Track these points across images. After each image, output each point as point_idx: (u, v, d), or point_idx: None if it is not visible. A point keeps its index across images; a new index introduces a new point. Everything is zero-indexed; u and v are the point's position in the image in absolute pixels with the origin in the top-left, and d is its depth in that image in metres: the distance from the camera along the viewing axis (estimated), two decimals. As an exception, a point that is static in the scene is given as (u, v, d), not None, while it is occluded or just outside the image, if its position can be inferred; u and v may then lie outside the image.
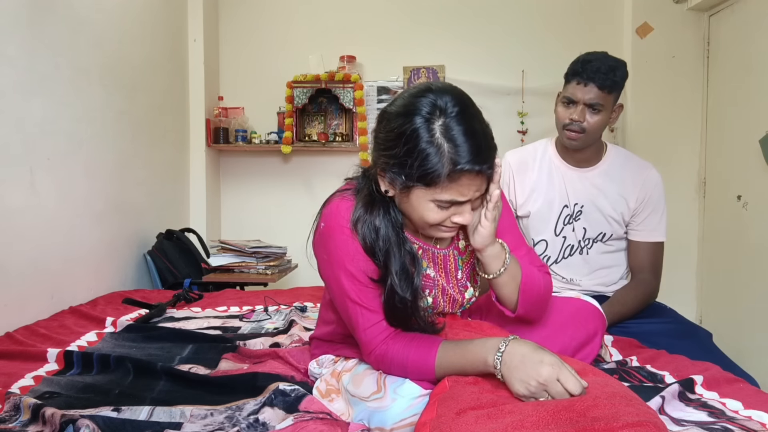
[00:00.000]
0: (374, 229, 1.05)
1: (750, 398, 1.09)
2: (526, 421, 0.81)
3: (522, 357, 0.92)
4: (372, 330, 1.06)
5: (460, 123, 0.96)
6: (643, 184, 1.70)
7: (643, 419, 0.78)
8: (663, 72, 3.17)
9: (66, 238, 2.05)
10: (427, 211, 1.01)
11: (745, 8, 2.84)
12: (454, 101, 0.98)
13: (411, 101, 1.00)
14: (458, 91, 1.02)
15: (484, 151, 0.97)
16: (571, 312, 1.30)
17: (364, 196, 1.08)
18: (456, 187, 0.98)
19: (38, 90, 1.91)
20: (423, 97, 0.99)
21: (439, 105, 0.97)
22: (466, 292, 1.19)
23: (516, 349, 0.94)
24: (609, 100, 1.62)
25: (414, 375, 1.04)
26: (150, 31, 2.78)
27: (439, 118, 0.97)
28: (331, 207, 1.10)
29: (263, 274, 2.68)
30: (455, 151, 0.95)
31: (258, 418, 1.04)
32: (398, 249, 1.06)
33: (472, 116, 0.99)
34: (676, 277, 3.03)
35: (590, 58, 1.60)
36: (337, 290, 1.09)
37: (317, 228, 1.13)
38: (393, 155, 1.00)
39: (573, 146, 1.68)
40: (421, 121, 0.97)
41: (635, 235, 1.73)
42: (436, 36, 3.39)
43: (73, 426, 0.98)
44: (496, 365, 0.94)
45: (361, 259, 1.06)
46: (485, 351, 0.97)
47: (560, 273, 1.77)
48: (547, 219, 1.75)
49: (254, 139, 3.30)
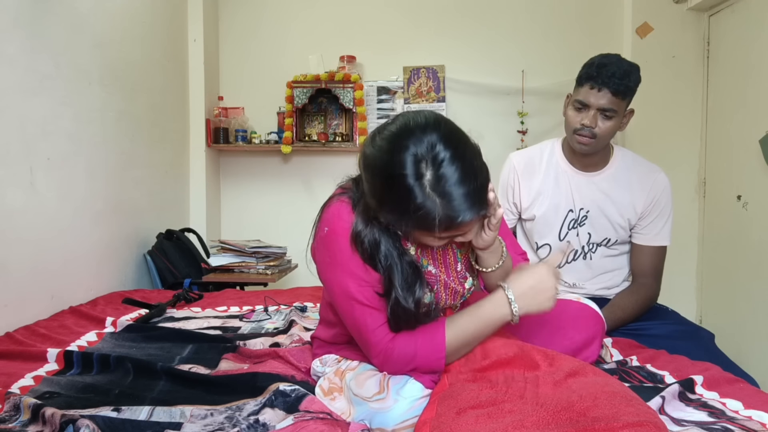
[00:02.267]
0: (375, 244, 1.05)
1: (750, 398, 1.09)
2: (527, 421, 0.81)
3: (530, 290, 1.06)
4: (381, 330, 1.06)
5: (450, 172, 0.91)
6: (652, 187, 1.68)
7: (644, 419, 0.78)
8: (663, 72, 3.17)
9: (66, 238, 2.05)
10: (428, 242, 1.04)
11: (745, 8, 2.84)
12: (441, 144, 0.92)
13: (394, 148, 0.93)
14: (442, 126, 0.95)
15: (477, 194, 0.95)
16: (571, 315, 1.30)
17: (361, 212, 1.05)
18: (455, 231, 0.99)
19: (38, 90, 1.91)
20: (406, 147, 0.92)
21: (423, 155, 0.91)
22: (466, 282, 1.21)
23: (520, 290, 1.06)
24: (622, 105, 1.58)
25: (423, 362, 1.05)
26: (150, 31, 2.78)
27: (427, 169, 0.91)
28: (332, 211, 1.09)
29: (263, 274, 2.68)
30: (450, 207, 0.92)
31: (258, 419, 1.04)
32: (400, 262, 1.05)
33: (461, 157, 0.93)
34: (676, 278, 3.03)
35: (605, 62, 1.55)
36: (341, 293, 1.08)
37: (318, 232, 1.11)
38: (384, 208, 0.98)
39: (583, 151, 1.64)
40: (411, 178, 0.91)
41: (639, 239, 1.72)
42: (436, 36, 3.39)
43: (73, 426, 0.98)
44: (514, 312, 1.05)
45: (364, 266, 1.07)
46: (496, 306, 1.06)
47: (563, 277, 1.76)
48: (552, 223, 1.73)
49: (254, 139, 3.30)
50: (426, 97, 3.36)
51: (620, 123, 1.62)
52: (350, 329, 1.12)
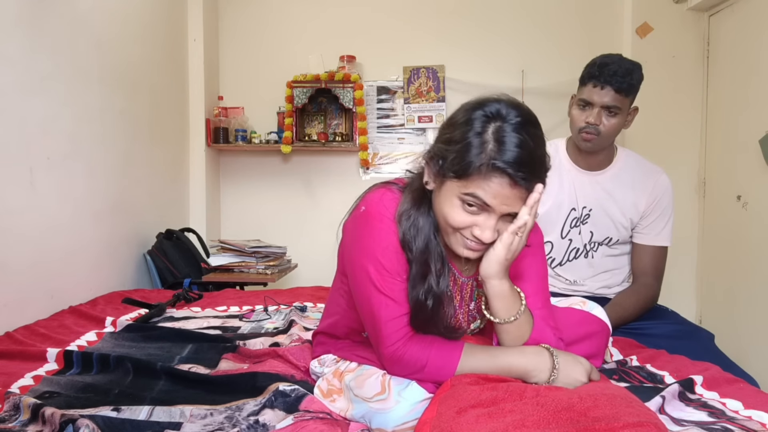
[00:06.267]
0: (417, 226, 1.03)
1: (750, 398, 1.09)
2: (527, 420, 0.81)
3: (565, 365, 1.02)
4: (394, 323, 1.03)
5: (514, 132, 0.93)
6: (654, 187, 1.69)
7: (644, 420, 0.78)
8: (663, 72, 3.17)
9: (66, 237, 2.05)
10: (452, 208, 0.98)
11: (745, 8, 2.84)
12: (519, 114, 0.95)
13: (483, 100, 0.99)
14: (529, 112, 0.99)
15: (527, 164, 0.93)
16: (580, 333, 1.24)
17: (414, 190, 1.06)
18: (485, 184, 0.93)
19: (38, 90, 1.91)
20: (496, 101, 0.97)
21: (503, 112, 0.95)
22: (473, 323, 1.18)
23: (565, 360, 1.03)
24: (625, 103, 1.60)
25: (430, 375, 1.03)
26: (150, 31, 2.78)
27: (497, 121, 0.95)
28: (375, 194, 1.08)
29: (263, 274, 2.68)
30: (497, 150, 0.92)
31: (258, 419, 1.03)
32: (436, 249, 1.04)
33: (531, 135, 0.95)
34: (676, 277, 3.04)
35: (607, 61, 1.58)
36: (361, 276, 1.06)
37: (355, 210, 1.10)
38: (442, 139, 1.00)
39: (588, 148, 1.66)
40: (480, 115, 0.96)
41: (640, 238, 1.72)
42: (436, 36, 3.39)
43: (73, 426, 0.98)
44: (549, 381, 1.01)
45: (393, 252, 1.04)
46: (528, 364, 1.02)
47: (564, 275, 1.77)
48: (555, 221, 1.74)
49: (254, 139, 3.30)
50: (426, 97, 3.36)
51: (624, 120, 1.64)
52: (364, 318, 1.09)
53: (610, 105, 1.58)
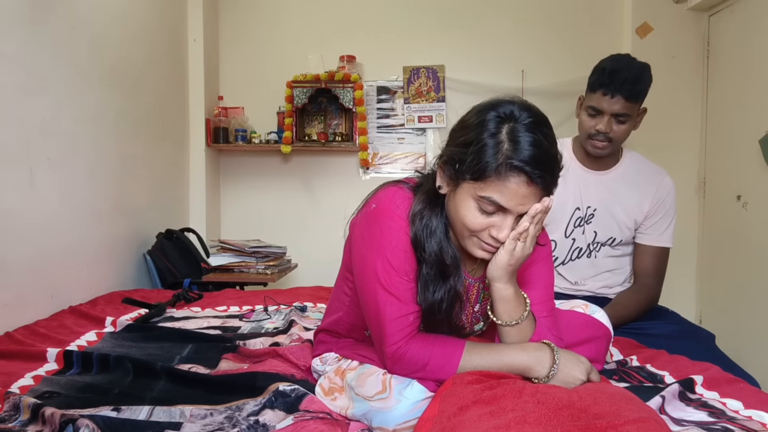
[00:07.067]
0: (430, 227, 1.03)
1: (750, 398, 1.09)
2: (529, 417, 0.81)
3: (565, 362, 1.02)
4: (399, 322, 1.03)
5: (528, 131, 0.94)
6: (658, 188, 1.69)
7: (644, 415, 0.79)
8: (663, 72, 3.16)
9: (66, 238, 2.05)
10: (468, 211, 0.98)
11: (745, 8, 2.84)
12: (531, 115, 0.97)
13: (495, 101, 1.00)
14: (541, 113, 1.00)
15: (543, 163, 0.94)
16: (582, 337, 1.24)
17: (426, 191, 1.06)
18: (502, 186, 0.94)
19: (38, 90, 1.91)
20: (509, 103, 0.98)
21: (516, 113, 0.96)
22: (476, 325, 1.18)
23: (566, 357, 1.03)
24: (635, 108, 1.59)
25: (432, 374, 1.03)
26: (150, 31, 2.78)
27: (511, 121, 0.96)
28: (387, 192, 1.08)
29: (263, 274, 2.68)
30: (512, 149, 0.93)
31: (258, 419, 1.03)
32: (447, 250, 1.04)
33: (545, 134, 0.96)
34: (676, 278, 3.03)
35: (616, 68, 1.54)
36: (368, 274, 1.05)
37: (366, 207, 1.10)
38: (455, 143, 1.00)
39: (599, 155, 1.66)
40: (494, 116, 0.97)
41: (642, 239, 1.73)
42: (436, 36, 3.39)
43: (73, 426, 0.98)
44: (550, 375, 1.01)
45: (402, 251, 1.04)
46: (529, 359, 1.02)
47: (566, 275, 1.77)
48: (559, 220, 1.74)
49: (254, 139, 3.30)
50: (426, 96, 3.36)
51: (634, 124, 1.64)
52: (368, 315, 1.09)
53: (621, 113, 1.57)
